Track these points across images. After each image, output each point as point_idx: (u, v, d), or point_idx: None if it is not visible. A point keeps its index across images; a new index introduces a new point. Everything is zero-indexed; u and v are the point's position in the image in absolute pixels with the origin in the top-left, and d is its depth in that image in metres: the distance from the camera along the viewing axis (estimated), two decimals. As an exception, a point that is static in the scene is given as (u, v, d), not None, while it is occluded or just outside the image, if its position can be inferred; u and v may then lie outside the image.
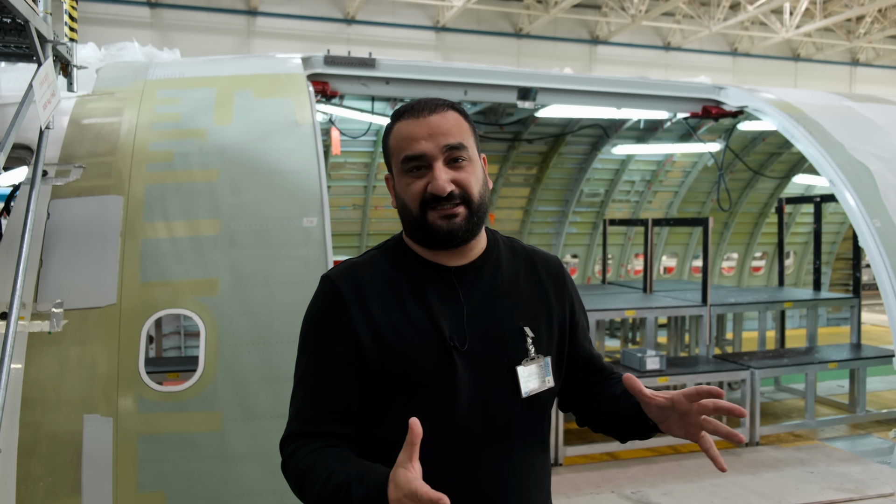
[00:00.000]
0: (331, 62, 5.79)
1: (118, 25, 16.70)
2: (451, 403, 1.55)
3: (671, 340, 7.40)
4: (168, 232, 4.18)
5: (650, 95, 6.74)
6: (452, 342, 1.56)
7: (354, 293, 1.59)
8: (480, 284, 1.64)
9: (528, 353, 1.62)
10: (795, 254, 11.49)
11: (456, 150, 1.56)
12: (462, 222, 1.56)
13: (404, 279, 1.62)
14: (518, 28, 19.97)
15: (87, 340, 3.89)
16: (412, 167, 1.57)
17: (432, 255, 1.64)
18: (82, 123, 4.54)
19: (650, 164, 9.99)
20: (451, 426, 1.54)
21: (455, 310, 1.60)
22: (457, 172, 1.56)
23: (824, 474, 5.21)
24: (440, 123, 1.56)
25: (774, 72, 22.24)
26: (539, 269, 1.74)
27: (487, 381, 1.58)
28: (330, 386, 1.58)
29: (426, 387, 1.55)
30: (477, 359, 1.58)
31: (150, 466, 3.79)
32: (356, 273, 1.63)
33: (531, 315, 1.67)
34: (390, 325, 1.57)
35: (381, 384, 1.56)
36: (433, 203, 1.55)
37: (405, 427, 1.46)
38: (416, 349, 1.55)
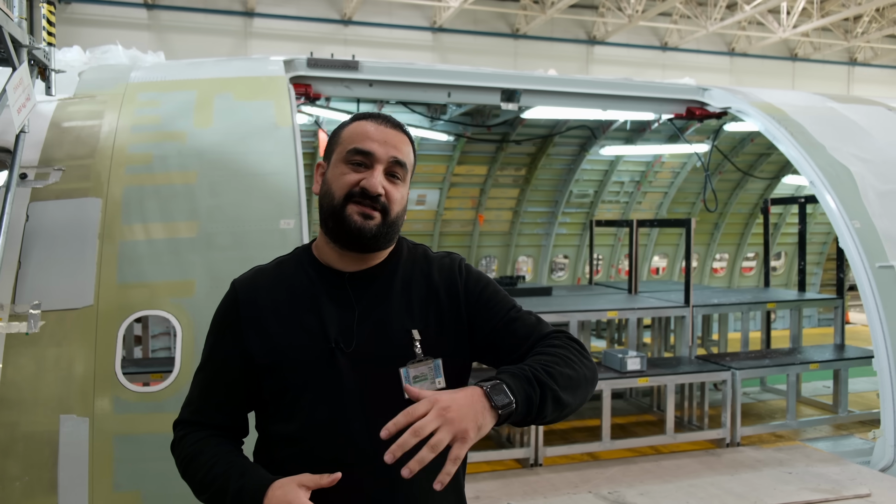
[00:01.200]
0: (314, 64, 5.82)
1: (115, 27, 16.74)
2: (335, 404, 1.63)
3: (655, 341, 7.43)
4: (146, 234, 4.23)
5: (634, 97, 6.76)
6: (337, 343, 1.64)
7: (249, 298, 1.73)
8: (373, 289, 1.72)
9: (416, 355, 1.67)
10: (786, 254, 11.52)
11: (398, 165, 1.69)
12: (374, 227, 1.65)
13: (301, 284, 1.72)
14: (515, 28, 19.99)
15: (65, 341, 3.93)
16: (356, 160, 1.66)
17: (335, 261, 1.72)
18: (63, 126, 4.58)
19: (639, 165, 10.02)
20: (337, 426, 1.62)
21: (346, 313, 1.68)
22: (389, 185, 1.67)
23: (802, 475, 5.24)
24: (395, 139, 1.70)
25: (772, 72, 22.24)
26: (433, 271, 1.78)
27: (372, 383, 1.64)
28: (218, 382, 1.73)
29: (309, 387, 1.64)
30: (363, 360, 1.65)
31: (126, 466, 3.83)
32: (257, 279, 1.77)
33: (420, 317, 1.71)
34: (280, 327, 1.67)
35: (269, 383, 1.68)
36: (359, 198, 1.64)
37: (292, 425, 1.64)
38: (300, 350, 1.65)
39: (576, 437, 6.06)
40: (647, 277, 11.05)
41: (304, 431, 1.63)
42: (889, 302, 5.23)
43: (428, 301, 1.74)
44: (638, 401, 7.30)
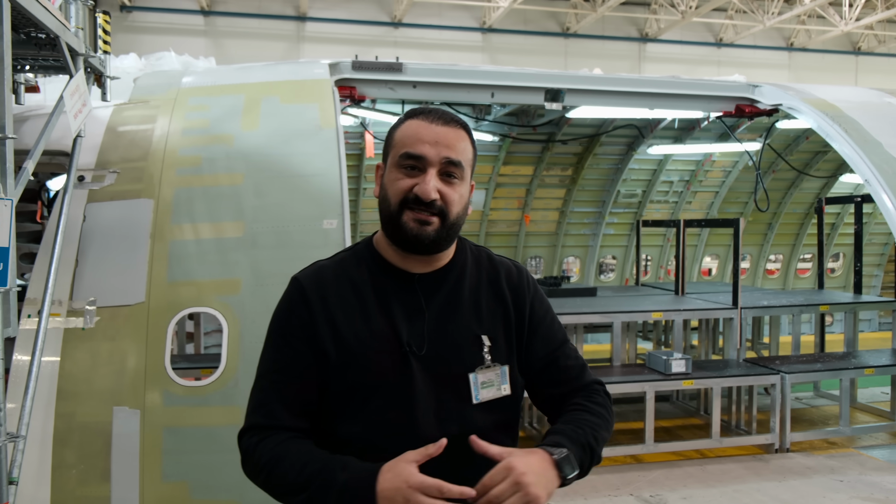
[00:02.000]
0: (358, 67, 5.91)
1: (173, 34, 17.32)
2: (406, 406, 1.61)
3: (703, 343, 7.28)
4: (194, 234, 4.37)
5: (682, 95, 6.65)
6: (410, 347, 1.62)
7: (319, 295, 1.66)
8: (442, 292, 1.70)
9: (484, 361, 1.67)
10: (844, 256, 11.12)
11: (453, 165, 1.62)
12: (432, 232, 1.61)
13: (369, 283, 1.68)
14: (565, 27, 19.84)
15: (118, 336, 4.10)
16: (408, 165, 1.61)
17: (399, 261, 1.69)
18: (118, 131, 4.79)
19: (689, 164, 9.83)
20: (407, 429, 1.61)
21: (416, 316, 1.66)
22: (445, 186, 1.61)
23: (854, 483, 5.07)
24: (448, 136, 1.62)
25: (833, 67, 21.48)
26: (501, 278, 1.76)
27: (441, 387, 1.64)
28: (291, 383, 1.65)
29: (381, 389, 1.62)
30: (433, 364, 1.64)
31: (174, 457, 3.97)
32: (322, 275, 1.70)
33: (490, 324, 1.71)
34: (351, 328, 1.63)
35: (339, 384, 1.64)
36: (413, 204, 1.60)
37: (359, 426, 1.61)
38: (373, 352, 1.62)
39: (619, 439, 6.00)
40: (698, 279, 10.84)
41: (372, 432, 1.61)
42: (948, 305, 5.02)
43: (496, 308, 1.73)
44: (684, 404, 7.17)
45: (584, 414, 1.68)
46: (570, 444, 1.56)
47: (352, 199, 9.20)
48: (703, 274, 11.39)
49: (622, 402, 6.91)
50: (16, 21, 3.26)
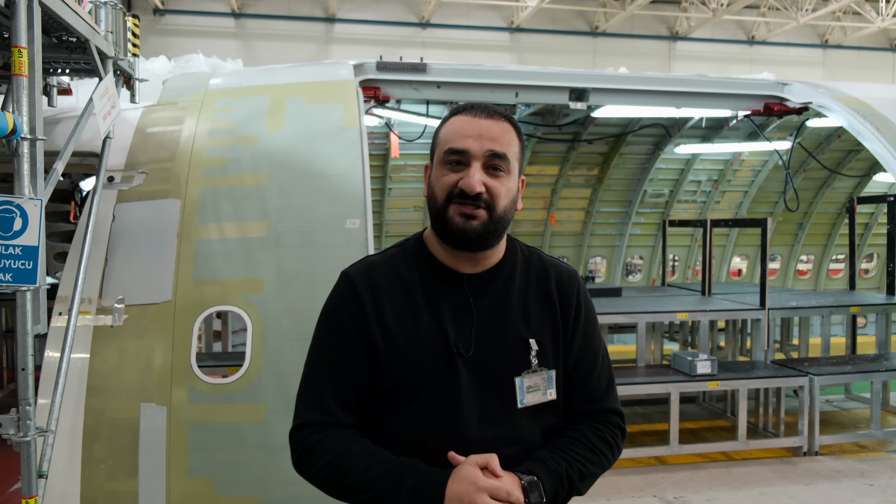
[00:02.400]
0: (382, 68, 5.95)
1: (204, 36, 17.58)
2: (451, 407, 1.61)
3: (729, 345, 7.19)
4: (219, 233, 4.44)
5: (708, 94, 6.57)
6: (457, 348, 1.63)
7: (370, 291, 1.66)
8: (491, 294, 1.69)
9: (530, 365, 1.66)
10: (879, 256, 10.88)
11: (497, 158, 1.61)
12: (478, 226, 1.59)
13: (418, 282, 1.68)
14: (594, 26, 19.70)
15: (145, 334, 4.18)
16: (452, 160, 1.61)
17: (449, 259, 1.69)
18: (146, 132, 4.88)
19: (717, 164, 9.71)
20: (450, 429, 1.61)
21: (464, 317, 1.66)
22: (490, 179, 1.60)
23: (885, 488, 4.97)
24: (491, 129, 1.61)
25: (869, 64, 21.03)
26: (551, 282, 1.75)
27: (487, 390, 1.64)
28: (343, 378, 1.65)
29: (426, 388, 1.62)
30: (480, 366, 1.64)
31: (200, 453, 4.03)
32: (373, 272, 1.70)
33: (538, 327, 1.70)
34: (399, 325, 1.64)
35: (386, 381, 1.64)
36: (459, 199, 1.59)
37: (405, 424, 1.63)
38: (420, 351, 1.63)
39: (643, 440, 5.96)
40: (727, 279, 10.69)
41: (416, 431, 1.62)
42: (983, 307, 4.89)
43: (544, 311, 1.72)
44: (711, 406, 7.09)
45: (577, 446, 1.66)
46: (544, 475, 1.56)
47: (377, 200, 9.27)
48: (733, 275, 11.23)
49: (647, 403, 6.85)
50: (47, 25, 3.35)
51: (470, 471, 1.49)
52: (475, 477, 1.48)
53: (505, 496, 1.47)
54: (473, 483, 1.47)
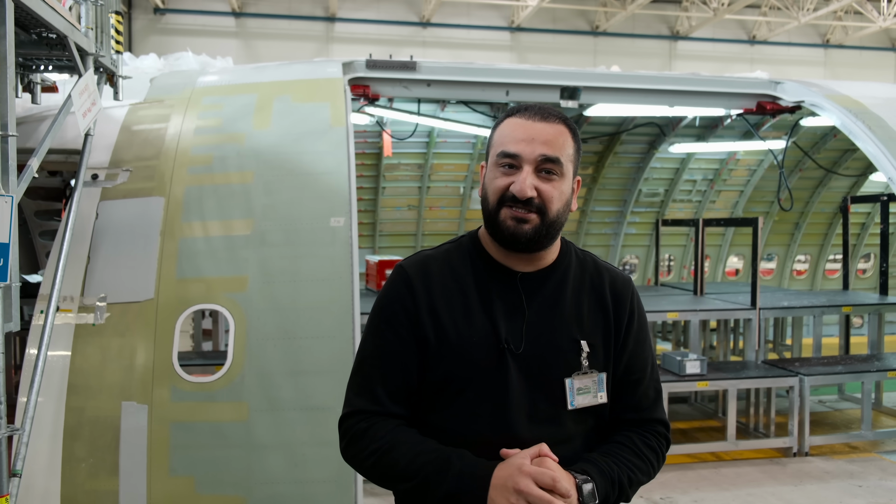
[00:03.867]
0: (372, 66, 5.94)
1: (205, 35, 17.58)
2: (500, 404, 1.61)
3: (721, 344, 7.16)
4: (204, 231, 4.43)
5: (701, 92, 6.54)
6: (508, 344, 1.63)
7: (423, 285, 1.67)
8: (544, 293, 1.69)
9: (581, 367, 1.66)
10: (875, 256, 10.82)
11: (550, 162, 1.61)
12: (530, 230, 1.60)
13: (472, 278, 1.69)
14: (594, 26, 19.64)
15: (127, 332, 4.17)
16: (505, 163, 1.62)
17: (503, 258, 1.69)
18: (132, 129, 4.87)
19: (712, 163, 9.67)
20: (499, 425, 1.61)
21: (516, 314, 1.66)
22: (543, 183, 1.61)
23: (874, 488, 4.94)
24: (545, 132, 1.61)
25: (871, 64, 20.92)
26: (605, 285, 1.74)
27: (536, 389, 1.64)
28: (394, 369, 1.67)
29: (475, 383, 1.62)
30: (530, 364, 1.64)
31: (181, 452, 4.02)
32: (427, 266, 1.71)
33: (590, 329, 1.69)
34: (451, 319, 1.65)
35: (435, 374, 1.65)
36: (510, 202, 1.60)
37: (453, 418, 1.64)
38: (471, 346, 1.63)
39: (633, 440, 5.92)
40: (723, 279, 10.65)
41: (463, 426, 1.62)
42: (972, 307, 4.85)
43: (597, 314, 1.72)
44: (702, 406, 7.06)
45: (627, 452, 1.66)
46: (599, 479, 1.56)
47: (371, 199, 9.24)
48: (729, 274, 11.18)
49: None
50: (24, 20, 3.33)
51: (518, 458, 1.51)
52: (521, 462, 1.49)
53: (549, 482, 1.46)
54: (519, 468, 1.47)
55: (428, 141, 8.75)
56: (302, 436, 4.12)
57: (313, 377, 4.19)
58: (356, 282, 4.41)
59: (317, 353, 4.22)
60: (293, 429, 4.14)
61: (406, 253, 9.42)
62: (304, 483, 4.13)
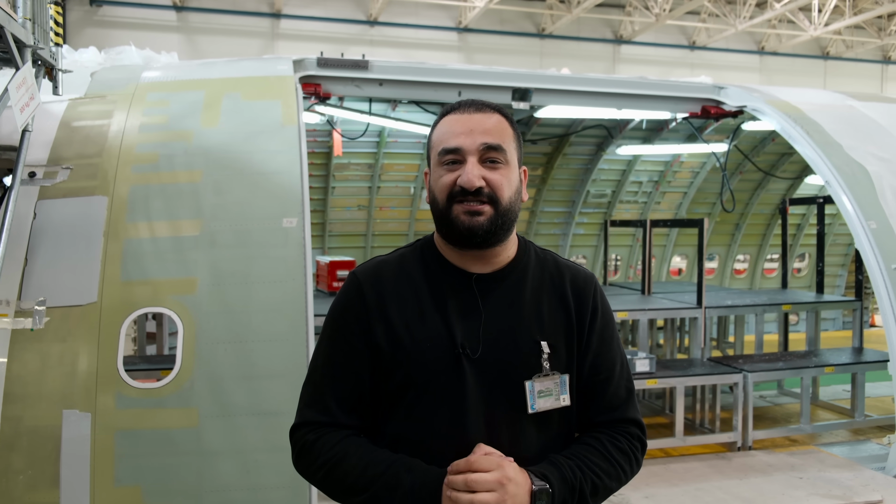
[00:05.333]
0: (323, 64, 5.85)
1: (145, 29, 17.03)
2: (456, 411, 1.56)
3: (668, 343, 7.33)
4: (150, 232, 4.28)
5: (649, 96, 6.68)
6: (463, 349, 1.57)
7: (375, 291, 1.63)
8: (501, 293, 1.63)
9: (542, 369, 1.60)
10: (810, 256, 11.28)
11: (493, 150, 1.57)
12: (485, 221, 1.55)
13: (425, 281, 1.64)
14: (541, 28, 19.87)
15: (69, 337, 4.00)
16: (447, 160, 1.58)
17: (458, 259, 1.64)
18: (72, 126, 4.67)
19: (657, 165, 9.90)
20: (456, 432, 1.56)
21: (472, 317, 1.60)
22: (490, 172, 1.57)
23: (814, 480, 5.12)
24: (484, 122, 1.58)
25: (803, 70, 21.77)
26: (566, 283, 1.69)
27: (495, 393, 1.58)
28: (344, 379, 1.62)
29: (431, 390, 1.58)
30: (487, 369, 1.58)
31: (127, 461, 3.88)
32: (380, 271, 1.67)
33: (551, 330, 1.64)
34: (405, 326, 1.60)
35: (390, 382, 1.60)
36: (460, 196, 1.56)
37: (410, 427, 1.59)
38: (426, 352, 1.58)
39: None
40: (667, 278, 10.92)
41: (421, 434, 1.58)
42: (904, 304, 5.09)
43: (558, 313, 1.66)
44: (651, 403, 7.21)
45: (595, 456, 1.60)
46: (557, 483, 1.50)
47: (320, 199, 9.13)
48: (673, 274, 11.48)
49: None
50: (-43, 11, 3.16)
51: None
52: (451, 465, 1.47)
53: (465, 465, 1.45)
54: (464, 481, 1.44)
55: (378, 140, 8.69)
56: (255, 441, 4.03)
57: (266, 381, 4.10)
58: (310, 283, 4.35)
59: (270, 356, 4.14)
60: (245, 434, 4.04)
61: (356, 253, 9.36)
62: (257, 490, 4.04)
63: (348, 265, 7.23)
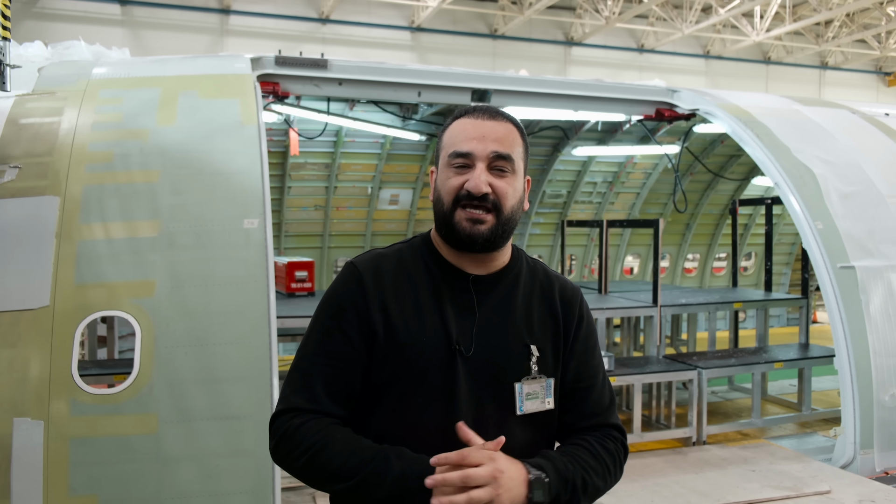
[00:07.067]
0: (282, 63, 5.77)
1: (87, 23, 16.50)
2: (446, 407, 1.59)
3: (625, 341, 7.47)
4: (105, 233, 4.16)
5: (605, 98, 6.79)
6: (458, 346, 1.61)
7: (375, 282, 1.64)
8: (495, 296, 1.68)
9: (531, 372, 1.65)
10: (756, 255, 11.65)
11: (502, 159, 1.61)
12: (486, 230, 1.59)
13: (424, 278, 1.67)
14: (493, 29, 20.01)
15: (19, 343, 3.85)
16: (457, 163, 1.61)
17: (456, 260, 1.68)
18: (20, 123, 4.50)
19: (611, 166, 10.07)
20: (443, 430, 1.56)
21: (467, 316, 1.64)
22: (496, 179, 1.60)
23: (766, 473, 5.29)
24: (495, 130, 1.62)
25: (746, 74, 22.49)
26: (555, 293, 1.75)
27: (485, 392, 1.62)
28: (337, 368, 1.62)
29: (423, 385, 1.60)
30: (479, 368, 1.62)
31: (83, 470, 3.76)
32: (380, 264, 1.68)
33: (540, 335, 1.69)
34: (402, 318, 1.62)
35: (382, 373, 1.61)
36: (465, 201, 1.59)
37: (396, 419, 1.59)
38: (421, 345, 1.60)
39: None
40: (620, 277, 11.12)
41: (408, 427, 1.59)
42: (849, 302, 5.31)
43: (547, 320, 1.71)
44: (608, 400, 7.33)
45: (585, 454, 1.64)
46: (553, 476, 1.52)
47: (276, 199, 9.00)
48: (626, 273, 11.70)
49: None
50: None
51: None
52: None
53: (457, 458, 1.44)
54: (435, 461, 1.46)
55: (336, 140, 8.61)
56: (216, 446, 3.95)
57: (227, 385, 4.03)
58: (272, 285, 4.29)
59: (231, 359, 4.06)
60: (206, 439, 3.96)
61: (313, 254, 9.26)
62: (219, 496, 3.96)
63: (307, 266, 7.15)
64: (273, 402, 3.97)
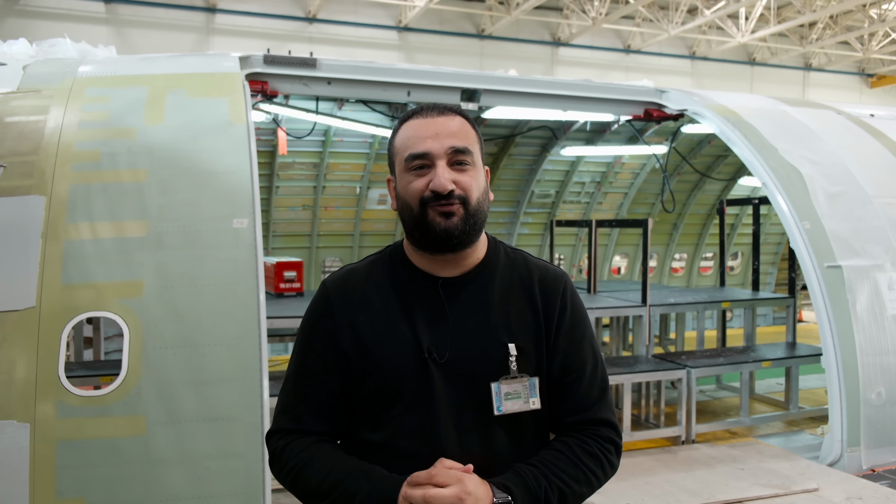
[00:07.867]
0: (270, 61, 5.74)
1: (71, 20, 16.33)
2: (427, 415, 1.58)
3: (614, 340, 7.49)
4: (92, 233, 4.11)
5: (594, 98, 6.81)
6: (430, 354, 1.58)
7: (343, 300, 1.65)
8: (468, 297, 1.64)
9: (509, 371, 1.60)
10: (743, 255, 11.73)
11: (461, 153, 1.59)
12: (459, 222, 1.56)
13: (393, 288, 1.65)
14: (480, 29, 20.02)
15: (4, 344, 3.80)
16: (416, 165, 1.58)
17: (427, 265, 1.65)
18: (5, 121, 4.44)
19: (600, 166, 10.10)
20: (427, 438, 1.56)
21: (439, 322, 1.61)
22: (459, 175, 1.58)
23: (754, 471, 5.32)
24: (448, 125, 1.60)
25: (731, 75, 22.65)
26: (534, 283, 1.68)
27: (464, 397, 1.59)
28: (315, 387, 1.65)
29: (402, 396, 1.59)
30: (455, 372, 1.59)
31: (70, 472, 3.72)
32: (348, 280, 1.69)
33: (518, 331, 1.63)
34: (373, 332, 1.61)
35: (361, 391, 1.62)
36: (433, 201, 1.56)
37: (385, 434, 1.59)
38: (394, 358, 1.59)
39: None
40: (608, 277, 11.16)
41: (393, 440, 1.59)
42: (836, 301, 5.35)
43: (526, 314, 1.65)
44: (597, 400, 7.35)
45: (563, 461, 1.58)
46: (521, 492, 1.50)
47: (264, 198, 8.94)
48: (613, 272, 11.74)
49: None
50: None
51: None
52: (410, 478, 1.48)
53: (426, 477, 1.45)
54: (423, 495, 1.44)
55: (324, 140, 8.57)
56: (205, 448, 3.92)
57: (217, 386, 4.00)
58: (262, 285, 4.26)
59: (221, 360, 4.03)
60: (196, 441, 3.93)
61: (301, 254, 9.22)
62: (208, 498, 3.93)
63: (295, 266, 7.11)
64: (263, 403, 3.96)
